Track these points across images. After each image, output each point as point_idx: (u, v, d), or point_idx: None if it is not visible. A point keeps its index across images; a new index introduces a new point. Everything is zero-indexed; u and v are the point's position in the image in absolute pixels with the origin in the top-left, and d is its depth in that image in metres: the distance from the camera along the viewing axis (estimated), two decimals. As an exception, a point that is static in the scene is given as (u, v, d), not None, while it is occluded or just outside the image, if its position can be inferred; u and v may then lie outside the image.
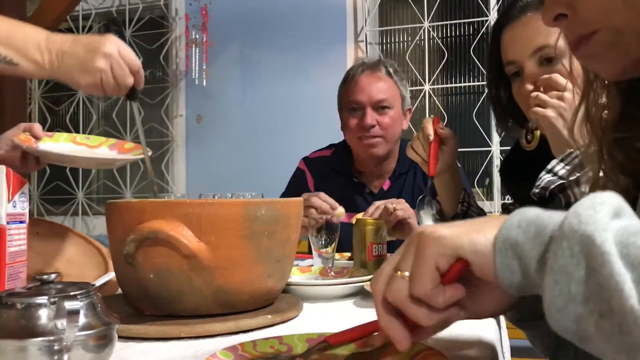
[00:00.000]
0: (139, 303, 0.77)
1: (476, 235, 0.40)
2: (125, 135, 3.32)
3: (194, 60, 3.12)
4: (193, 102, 3.21)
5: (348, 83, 1.66)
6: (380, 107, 1.61)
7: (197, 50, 3.12)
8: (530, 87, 0.98)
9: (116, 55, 0.80)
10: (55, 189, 3.44)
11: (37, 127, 1.04)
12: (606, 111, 0.60)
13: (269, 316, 0.73)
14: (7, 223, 0.67)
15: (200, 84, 3.12)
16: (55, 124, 3.48)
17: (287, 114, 3.00)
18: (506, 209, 0.98)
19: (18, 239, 0.69)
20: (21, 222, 0.71)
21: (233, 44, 3.11)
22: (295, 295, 0.89)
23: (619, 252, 0.34)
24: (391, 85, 1.63)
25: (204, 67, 3.10)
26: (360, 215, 1.33)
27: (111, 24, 3.39)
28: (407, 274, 0.42)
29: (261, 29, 3.06)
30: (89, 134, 2.01)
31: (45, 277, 0.45)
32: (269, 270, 0.77)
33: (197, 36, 3.11)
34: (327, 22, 2.97)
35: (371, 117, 1.60)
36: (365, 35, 2.94)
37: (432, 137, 1.13)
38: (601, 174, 0.60)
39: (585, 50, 0.53)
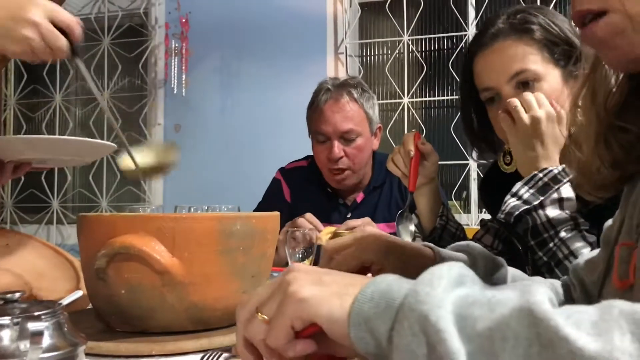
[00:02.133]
0: (110, 319, 0.75)
1: (335, 302, 0.41)
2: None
3: (173, 69, 3.09)
4: (172, 111, 3.19)
5: (313, 111, 1.63)
6: (346, 137, 1.58)
7: (176, 59, 3.10)
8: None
9: (43, 22, 0.75)
10: (29, 196, 3.38)
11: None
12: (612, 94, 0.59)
13: (243, 333, 0.72)
14: (-26, 237, 0.65)
15: (179, 93, 3.09)
16: (31, 131, 3.42)
17: (267, 123, 2.99)
18: (484, 225, 0.99)
19: (-15, 253, 0.67)
20: (-12, 235, 0.69)
21: (213, 53, 3.10)
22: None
23: (456, 324, 0.35)
24: (357, 111, 1.59)
25: (184, 76, 3.09)
26: (325, 233, 1.32)
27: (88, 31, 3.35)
28: (266, 317, 0.44)
29: (242, 39, 3.05)
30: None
31: (8, 296, 0.44)
32: (244, 286, 0.76)
33: (177, 45, 3.09)
34: (307, 34, 2.97)
35: (338, 148, 1.57)
36: (345, 47, 2.95)
37: (412, 153, 1.13)
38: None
39: (593, 34, 0.52)
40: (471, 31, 2.87)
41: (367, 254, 0.67)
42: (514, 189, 0.92)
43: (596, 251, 0.65)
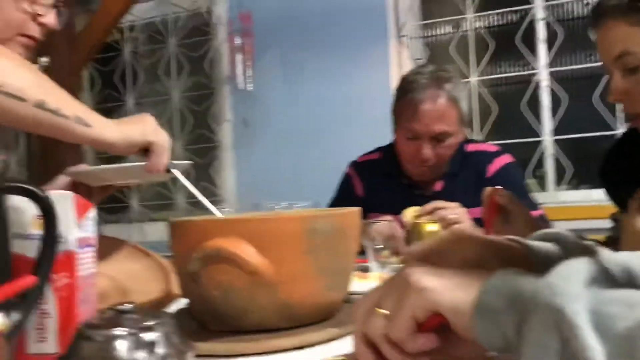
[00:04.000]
0: (205, 319, 0.78)
1: (458, 294, 0.40)
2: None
3: (237, 66, 3.15)
4: (239, 107, 3.25)
5: (405, 104, 1.54)
6: (438, 138, 1.52)
7: (240, 56, 3.15)
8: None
9: (160, 132, 0.92)
10: (109, 197, 3.53)
11: (83, 165, 1.12)
12: None
13: (335, 329, 0.73)
14: (77, 248, 0.69)
15: (245, 89, 3.15)
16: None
17: (334, 113, 2.99)
18: (615, 220, 0.93)
19: (87, 263, 0.71)
20: (89, 245, 0.72)
21: (276, 48, 3.13)
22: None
23: (592, 322, 0.34)
24: (452, 111, 1.51)
25: (248, 71, 3.13)
26: (411, 212, 1.31)
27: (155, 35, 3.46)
28: (386, 312, 0.43)
29: (303, 31, 3.06)
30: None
31: (121, 307, 0.46)
32: (330, 283, 0.77)
33: (240, 41, 3.13)
34: (368, 20, 2.95)
35: (428, 149, 1.51)
36: (407, 30, 2.91)
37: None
38: None
39: None
40: (537, 4, 2.76)
41: (465, 258, 0.65)
42: None
43: None
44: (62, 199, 0.68)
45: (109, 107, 3.56)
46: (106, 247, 1.07)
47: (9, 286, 0.55)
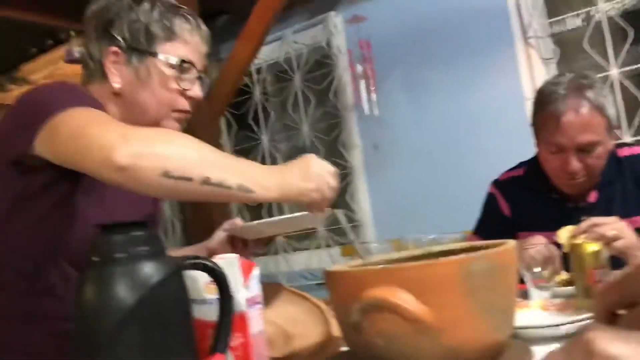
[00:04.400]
0: (370, 365, 0.79)
1: None
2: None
3: (361, 92, 3.18)
4: (367, 131, 3.28)
5: (547, 118, 1.46)
6: (585, 149, 1.42)
7: (363, 82, 3.19)
8: None
9: (325, 178, 0.92)
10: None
11: (237, 221, 1.19)
12: None
13: (505, 374, 0.71)
14: (247, 308, 0.73)
15: (371, 113, 3.17)
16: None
17: (464, 127, 2.92)
18: None
19: (257, 320, 0.75)
20: (257, 303, 0.77)
21: (397, 68, 3.13)
22: (522, 339, 0.86)
23: None
24: (597, 119, 1.41)
25: (372, 96, 3.16)
26: (565, 233, 1.22)
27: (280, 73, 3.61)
28: None
29: (422, 48, 3.04)
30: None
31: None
32: (494, 323, 0.75)
33: (361, 68, 3.18)
34: (489, 26, 2.86)
35: (575, 162, 1.42)
36: (534, 30, 2.78)
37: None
38: None
39: None
40: (679, -22, 2.52)
41: None
42: None
43: None
44: (229, 265, 0.73)
45: (246, 147, 3.76)
46: (265, 293, 1.13)
47: None
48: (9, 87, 4.32)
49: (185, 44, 1.10)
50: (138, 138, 0.81)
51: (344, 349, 0.93)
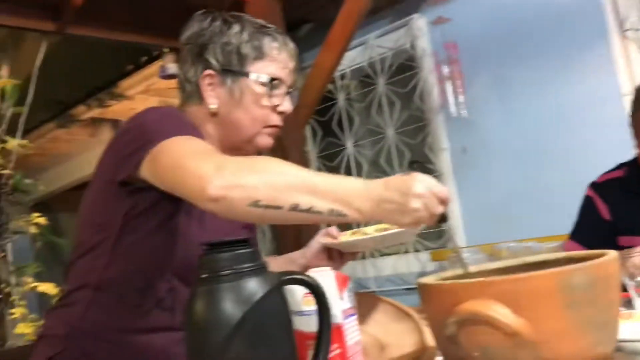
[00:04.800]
0: (467, 378, 0.79)
1: None
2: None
3: (448, 94, 3.14)
4: (454, 134, 3.23)
5: None
6: None
7: (449, 83, 3.14)
8: None
9: (427, 194, 0.84)
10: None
11: (331, 229, 1.20)
12: None
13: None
14: (343, 319, 0.76)
15: (458, 116, 3.12)
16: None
17: (555, 127, 2.81)
18: None
19: (353, 331, 0.78)
20: (352, 315, 0.79)
21: (484, 68, 3.06)
22: (625, 352, 0.83)
23: None
24: None
25: (460, 98, 3.11)
26: None
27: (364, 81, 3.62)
28: None
29: (510, 47, 2.96)
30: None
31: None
32: (597, 337, 0.73)
33: (448, 69, 3.13)
34: (582, 21, 2.73)
35: None
36: (632, 23, 2.63)
37: None
38: None
39: None
40: None
41: None
42: None
43: None
44: (326, 278, 0.76)
45: (331, 153, 3.80)
46: (357, 302, 1.15)
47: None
48: (108, 102, 4.62)
49: (274, 61, 1.14)
50: (230, 169, 0.84)
51: (439, 359, 0.93)
